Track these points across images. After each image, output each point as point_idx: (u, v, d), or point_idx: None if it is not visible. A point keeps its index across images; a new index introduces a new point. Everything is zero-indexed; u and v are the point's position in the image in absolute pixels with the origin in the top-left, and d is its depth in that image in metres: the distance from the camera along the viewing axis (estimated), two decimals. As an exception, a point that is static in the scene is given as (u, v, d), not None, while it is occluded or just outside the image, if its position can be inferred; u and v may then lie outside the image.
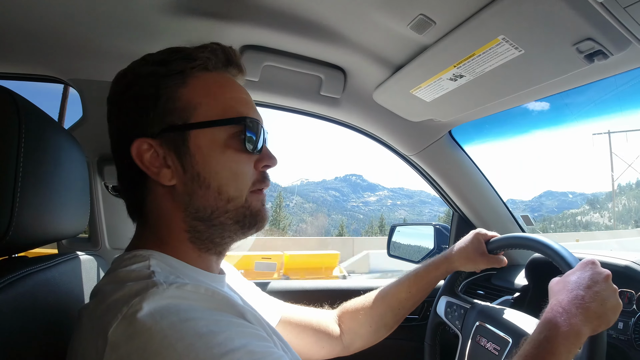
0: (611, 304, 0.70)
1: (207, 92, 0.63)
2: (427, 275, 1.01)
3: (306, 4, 0.88)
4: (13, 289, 0.56)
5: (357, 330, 1.00)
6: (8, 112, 0.55)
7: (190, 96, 0.61)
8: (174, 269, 0.58)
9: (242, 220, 0.63)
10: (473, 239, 1.02)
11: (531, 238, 0.94)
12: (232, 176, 0.62)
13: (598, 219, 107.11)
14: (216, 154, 0.61)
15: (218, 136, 0.61)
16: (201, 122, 0.61)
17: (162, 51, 0.65)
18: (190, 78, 0.62)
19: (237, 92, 0.66)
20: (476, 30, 0.78)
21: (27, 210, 0.58)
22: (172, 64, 0.62)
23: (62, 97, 1.56)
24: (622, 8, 0.62)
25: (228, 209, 0.62)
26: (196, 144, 0.61)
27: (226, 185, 0.61)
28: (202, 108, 0.61)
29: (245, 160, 0.63)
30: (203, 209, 0.61)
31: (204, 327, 0.46)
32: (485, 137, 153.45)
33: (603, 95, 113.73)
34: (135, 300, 0.47)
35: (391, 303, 1.00)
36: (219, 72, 0.66)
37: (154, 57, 0.64)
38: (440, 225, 1.67)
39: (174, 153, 0.61)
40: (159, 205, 0.63)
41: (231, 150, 0.62)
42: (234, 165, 0.62)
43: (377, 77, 1.13)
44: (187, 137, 0.60)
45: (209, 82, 0.63)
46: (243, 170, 0.63)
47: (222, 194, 0.61)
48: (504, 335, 0.90)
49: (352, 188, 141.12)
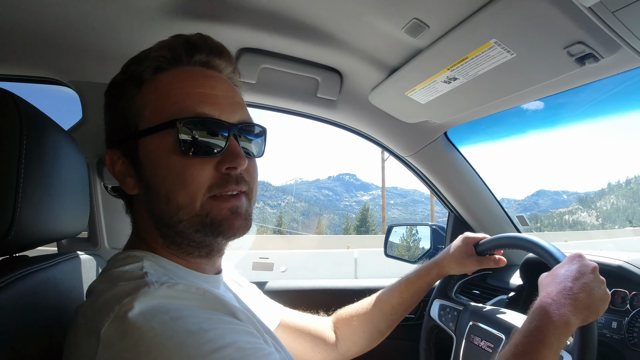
0: (599, 294, 0.72)
1: (156, 95, 0.59)
2: (418, 280, 1.03)
3: (303, 8, 0.89)
4: (14, 288, 0.57)
5: (351, 336, 1.01)
6: (10, 114, 0.56)
7: (142, 102, 0.60)
8: (167, 270, 0.59)
9: (202, 229, 0.58)
10: (461, 243, 1.04)
11: (517, 237, 0.96)
12: (179, 182, 0.57)
13: (585, 218, 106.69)
14: (162, 160, 0.58)
15: (165, 140, 0.57)
16: (145, 128, 0.58)
17: (133, 57, 0.64)
18: (146, 82, 0.61)
19: (190, 87, 0.60)
20: (469, 34, 0.80)
21: (29, 210, 0.59)
22: (129, 69, 0.62)
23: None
24: (611, 12, 0.64)
25: (180, 217, 0.58)
26: (144, 151, 0.59)
27: (173, 192, 0.57)
28: (148, 113, 0.59)
29: (197, 164, 0.58)
30: (161, 217, 0.59)
31: (194, 325, 0.47)
32: (481, 137, 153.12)
33: (597, 96, 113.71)
34: (127, 300, 0.47)
35: (384, 309, 1.01)
36: (179, 68, 0.61)
37: (127, 64, 0.64)
38: (436, 226, 1.68)
39: (130, 162, 0.61)
40: (137, 212, 0.65)
41: (177, 155, 0.57)
42: (181, 169, 0.57)
43: (372, 80, 1.14)
44: (137, 146, 0.60)
45: (161, 83, 0.60)
46: (193, 175, 0.57)
47: (170, 201, 0.57)
48: (497, 333, 0.92)
49: (345, 187, 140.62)
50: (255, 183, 0.65)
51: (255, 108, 1.29)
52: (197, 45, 0.62)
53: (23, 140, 0.57)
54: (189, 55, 0.62)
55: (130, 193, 0.62)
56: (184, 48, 0.61)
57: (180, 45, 0.61)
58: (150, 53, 0.61)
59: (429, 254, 1.64)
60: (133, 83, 0.61)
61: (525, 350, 0.65)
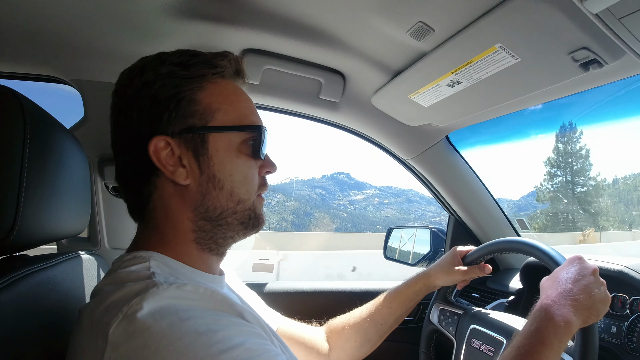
0: (599, 296, 0.73)
1: (224, 98, 0.65)
2: (407, 290, 1.04)
3: (307, 10, 0.89)
4: (15, 288, 0.57)
5: (343, 345, 1.02)
6: (14, 112, 0.56)
7: (209, 101, 0.63)
8: (173, 270, 0.59)
9: (247, 221, 0.66)
10: (449, 254, 1.07)
11: (517, 241, 0.96)
12: (243, 180, 0.65)
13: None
14: (231, 158, 0.64)
15: (233, 141, 0.64)
16: (220, 126, 0.63)
17: (179, 52, 0.65)
18: (209, 83, 0.64)
19: (248, 102, 0.69)
20: (474, 38, 0.80)
21: (32, 210, 0.58)
22: (193, 67, 0.63)
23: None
24: (617, 19, 0.64)
25: (237, 210, 0.65)
26: (214, 146, 0.63)
27: (238, 188, 0.64)
28: (221, 113, 0.63)
29: (254, 166, 0.67)
30: (213, 209, 0.63)
31: (202, 326, 0.47)
32: (482, 140, 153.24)
33: (600, 100, 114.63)
34: (136, 300, 0.47)
35: (374, 318, 1.02)
36: (231, 81, 0.69)
37: (171, 58, 0.64)
38: (437, 229, 1.68)
39: (192, 153, 0.62)
40: (166, 204, 0.63)
41: (243, 156, 0.65)
42: (246, 169, 0.65)
43: (376, 82, 1.14)
44: (206, 139, 0.62)
45: (226, 89, 0.66)
46: (253, 175, 0.66)
47: (234, 195, 0.64)
48: (497, 336, 0.92)
49: (339, 186, 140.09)
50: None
51: (258, 109, 1.29)
52: (240, 68, 0.70)
53: (27, 138, 0.57)
54: (236, 74, 0.70)
55: (182, 183, 0.62)
56: (236, 66, 0.69)
57: (233, 62, 0.68)
58: (213, 59, 0.65)
59: (428, 256, 1.64)
60: (198, 80, 0.63)
61: (526, 351, 0.66)
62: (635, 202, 60.10)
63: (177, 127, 0.61)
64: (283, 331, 0.97)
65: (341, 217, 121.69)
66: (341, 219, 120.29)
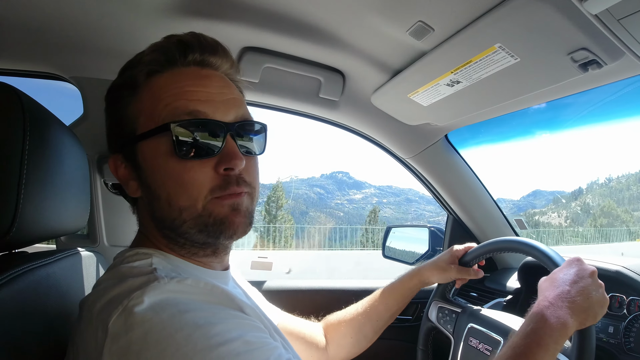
0: (597, 298, 0.73)
1: (150, 98, 0.59)
2: (401, 286, 1.05)
3: (307, 8, 0.89)
4: (15, 284, 0.57)
5: (339, 341, 1.03)
6: (14, 109, 0.56)
7: (138, 106, 0.59)
8: (175, 266, 0.59)
9: (205, 229, 0.58)
10: (446, 253, 1.08)
11: (516, 241, 0.96)
12: (179, 186, 0.56)
13: (555, 219, 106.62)
14: (160, 164, 0.57)
15: (160, 145, 0.57)
16: (141, 133, 0.58)
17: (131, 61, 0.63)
18: (141, 86, 0.60)
19: (182, 87, 0.58)
20: (473, 38, 0.80)
21: (31, 207, 0.58)
22: (124, 73, 0.62)
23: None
24: (616, 20, 0.64)
25: (185, 218, 0.57)
26: (142, 156, 0.59)
27: (175, 196, 0.57)
28: (144, 117, 0.58)
29: (196, 167, 0.57)
30: (163, 220, 0.59)
31: (202, 319, 0.47)
32: (482, 139, 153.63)
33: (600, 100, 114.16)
34: (137, 294, 0.48)
35: (370, 314, 1.03)
36: (173, 70, 0.60)
37: (122, 67, 0.64)
38: (435, 228, 1.69)
39: (131, 166, 0.61)
40: (141, 213, 0.65)
41: (174, 158, 0.56)
42: (179, 173, 0.56)
43: (375, 81, 1.14)
44: (135, 150, 0.59)
45: (154, 86, 0.59)
46: (193, 178, 0.56)
47: (172, 205, 0.57)
48: (495, 335, 0.92)
49: (337, 185, 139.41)
50: (257, 182, 0.64)
51: (257, 107, 1.29)
52: (190, 44, 0.60)
53: (26, 135, 0.57)
54: (183, 55, 0.60)
55: (134, 196, 0.63)
56: (177, 49, 0.60)
57: (172, 46, 0.60)
58: (143, 57, 0.60)
59: (426, 256, 1.64)
60: (129, 88, 0.60)
61: (521, 352, 0.66)
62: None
63: (119, 142, 0.62)
64: (283, 326, 0.97)
65: (337, 216, 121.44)
66: (337, 218, 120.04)
